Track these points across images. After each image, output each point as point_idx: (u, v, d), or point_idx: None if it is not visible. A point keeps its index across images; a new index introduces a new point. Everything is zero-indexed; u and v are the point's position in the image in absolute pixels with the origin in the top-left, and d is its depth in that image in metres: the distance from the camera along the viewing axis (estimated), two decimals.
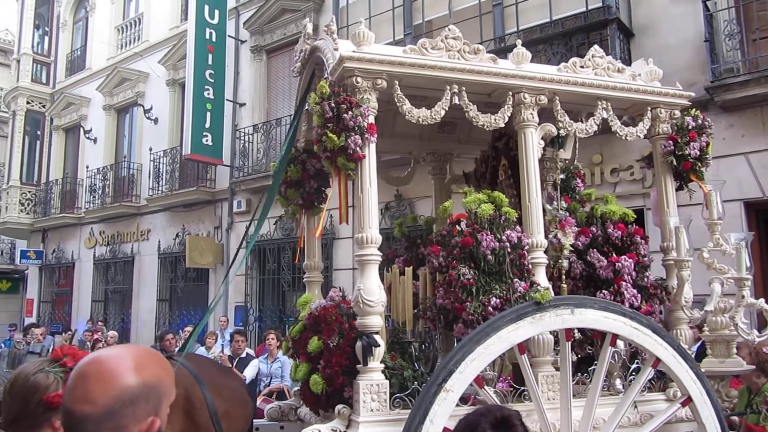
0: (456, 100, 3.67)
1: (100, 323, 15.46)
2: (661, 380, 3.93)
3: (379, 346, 3.23)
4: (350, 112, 3.34)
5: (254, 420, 4.41)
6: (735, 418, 4.38)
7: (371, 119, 3.45)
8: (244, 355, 8.53)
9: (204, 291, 14.99)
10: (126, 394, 1.36)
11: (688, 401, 3.59)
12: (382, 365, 3.31)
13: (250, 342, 12.72)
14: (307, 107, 4.21)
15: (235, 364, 8.25)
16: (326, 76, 3.71)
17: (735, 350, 3.95)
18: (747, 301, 3.88)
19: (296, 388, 4.37)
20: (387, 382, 3.28)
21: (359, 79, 3.47)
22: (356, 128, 3.34)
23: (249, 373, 8.13)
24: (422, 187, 8.12)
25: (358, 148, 3.35)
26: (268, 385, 8.29)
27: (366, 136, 3.39)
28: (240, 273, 13.91)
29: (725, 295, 4.01)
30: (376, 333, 3.29)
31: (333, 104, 3.37)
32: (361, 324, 3.31)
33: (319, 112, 3.41)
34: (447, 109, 3.65)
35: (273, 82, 14.75)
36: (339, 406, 3.31)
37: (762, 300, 4.03)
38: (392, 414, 3.24)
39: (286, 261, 13.23)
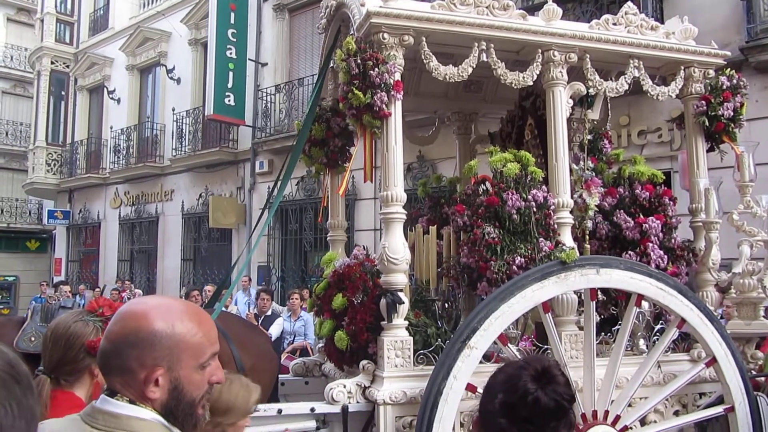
0: (484, 57, 3.61)
1: (127, 282, 15.76)
2: (686, 341, 3.93)
3: (403, 303, 3.25)
4: (376, 69, 3.31)
5: (280, 375, 4.50)
6: (761, 379, 4.37)
7: (398, 76, 3.42)
8: (269, 313, 8.67)
9: (227, 251, 15.18)
10: (131, 336, 1.39)
11: (712, 362, 3.59)
12: (406, 322, 3.35)
13: (274, 301, 12.91)
14: (332, 65, 4.18)
15: (260, 321, 8.39)
16: (352, 32, 3.66)
17: (762, 312, 3.92)
18: None
19: (320, 345, 4.44)
20: (411, 338, 3.32)
21: (386, 36, 3.42)
22: (382, 85, 3.31)
23: (274, 330, 8.27)
24: (444, 148, 8.07)
25: (384, 106, 3.32)
26: (292, 343, 8.44)
27: (392, 93, 3.36)
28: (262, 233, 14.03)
29: (754, 258, 3.97)
30: (400, 290, 3.32)
31: (359, 61, 3.34)
32: (386, 281, 3.33)
33: (345, 69, 3.38)
34: (474, 66, 3.60)
35: (295, 42, 14.63)
36: (363, 362, 3.36)
37: None
38: (416, 370, 3.29)
39: (308, 221, 13.32)
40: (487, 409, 1.65)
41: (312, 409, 3.27)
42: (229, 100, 13.92)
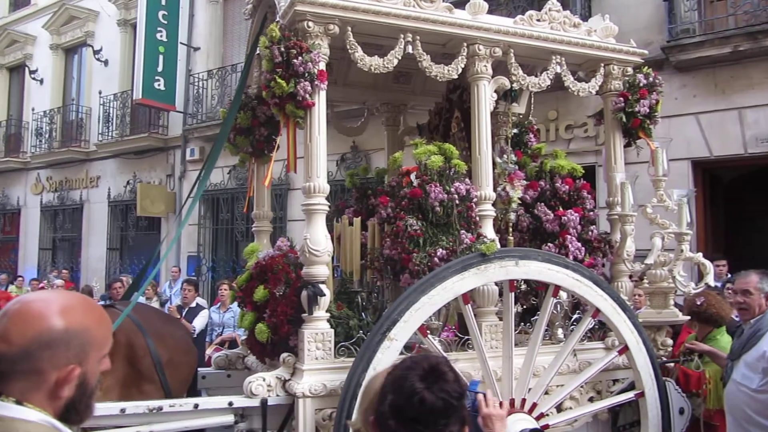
0: (409, 49, 3.61)
1: (64, 271, 14.95)
2: (601, 330, 4.06)
3: (324, 295, 3.23)
4: (300, 58, 3.26)
5: (202, 368, 4.41)
6: (670, 365, 4.57)
7: (322, 66, 3.37)
8: (194, 305, 8.45)
9: (156, 240, 14.75)
10: (44, 337, 1.32)
11: (624, 350, 3.73)
12: (328, 314, 3.33)
13: (204, 292, 12.65)
14: (258, 52, 4.09)
15: (184, 314, 8.17)
16: (278, 19, 3.59)
17: (672, 301, 4.09)
18: (686, 255, 4.00)
19: (244, 337, 4.37)
20: (332, 330, 3.31)
21: (311, 24, 3.37)
22: (306, 74, 3.27)
23: (198, 323, 8.05)
24: (378, 139, 8.06)
25: (307, 95, 3.28)
26: (220, 335, 8.28)
27: (316, 83, 3.32)
28: (192, 222, 13.71)
29: (666, 249, 4.14)
30: (322, 282, 3.29)
31: (282, 49, 3.28)
32: (307, 273, 3.30)
33: (268, 57, 3.31)
34: (400, 58, 3.59)
35: (229, 27, 14.29)
36: (284, 355, 3.33)
37: (700, 254, 4.17)
38: (337, 362, 3.28)
39: (240, 211, 13.10)
40: (379, 411, 1.65)
41: (230, 403, 3.21)
42: (158, 85, 13.47)
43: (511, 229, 4.02)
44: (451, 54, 3.88)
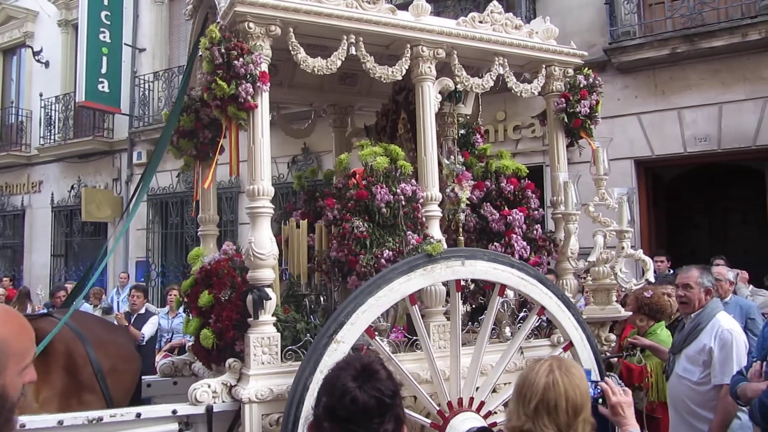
0: (353, 50, 3.60)
1: (6, 279, 14.33)
2: (548, 327, 4.13)
3: (270, 299, 3.19)
4: (241, 59, 3.21)
5: (148, 376, 4.31)
6: (614, 360, 4.68)
7: (264, 67, 3.33)
8: (142, 311, 8.25)
9: (102, 246, 14.34)
10: None
11: (569, 346, 3.80)
12: (274, 318, 3.29)
13: (153, 298, 12.38)
14: (199, 53, 4.01)
15: (133, 320, 7.98)
16: (218, 20, 3.54)
17: (615, 298, 4.19)
18: (626, 252, 4.11)
19: (191, 343, 4.29)
20: (278, 335, 3.27)
21: (251, 25, 3.33)
22: (248, 76, 3.22)
23: (148, 330, 7.88)
24: (330, 141, 8.05)
25: (249, 97, 3.23)
26: (170, 341, 8.11)
27: (258, 84, 3.27)
28: (141, 227, 13.42)
29: (608, 247, 4.24)
30: (268, 286, 3.25)
31: (223, 50, 3.22)
32: (252, 277, 3.26)
33: (209, 58, 3.26)
34: (343, 59, 3.58)
35: (175, 27, 14.04)
36: (230, 360, 3.28)
37: (640, 251, 4.29)
38: (284, 366, 3.24)
39: (189, 214, 12.86)
40: (315, 414, 1.64)
41: (174, 411, 3.14)
42: (102, 87, 13.13)
43: (461, 230, 4.06)
44: (395, 55, 3.88)
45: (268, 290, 3.24)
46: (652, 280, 4.26)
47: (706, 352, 4.07)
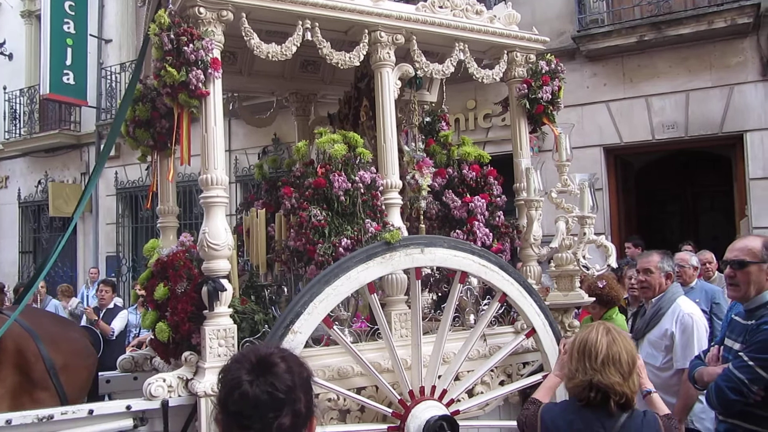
0: (309, 36, 3.53)
1: None
2: (512, 314, 4.12)
3: (225, 290, 3.13)
4: (191, 45, 3.13)
5: (107, 372, 4.22)
6: None
7: (216, 53, 3.25)
8: (111, 306, 8.14)
9: (71, 241, 14.11)
10: None
11: (532, 332, 3.79)
12: (231, 310, 3.22)
13: (125, 293, 12.20)
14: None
15: (102, 315, 7.87)
16: (168, 5, 3.44)
17: (578, 283, 4.19)
18: (589, 238, 4.10)
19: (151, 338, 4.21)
20: (235, 326, 3.21)
21: (202, 10, 3.24)
22: (198, 62, 3.14)
23: (117, 324, 7.80)
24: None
25: (200, 84, 3.15)
26: (137, 336, 8.00)
27: (210, 71, 3.19)
28: (110, 221, 13.21)
29: (572, 234, 4.23)
30: (224, 277, 3.19)
31: (172, 36, 3.14)
32: (207, 268, 3.19)
33: (158, 44, 3.17)
34: (298, 45, 3.51)
35: (142, 17, 13.70)
36: (186, 353, 3.21)
37: (602, 236, 4.29)
38: None
39: (145, 207, 12.69)
40: (215, 406, 1.60)
41: (128, 407, 3.06)
42: (68, 79, 12.86)
43: (422, 217, 4.02)
44: (354, 41, 3.82)
45: (224, 281, 3.17)
46: (615, 265, 4.27)
47: (668, 336, 4.10)
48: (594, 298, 4.42)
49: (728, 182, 9.81)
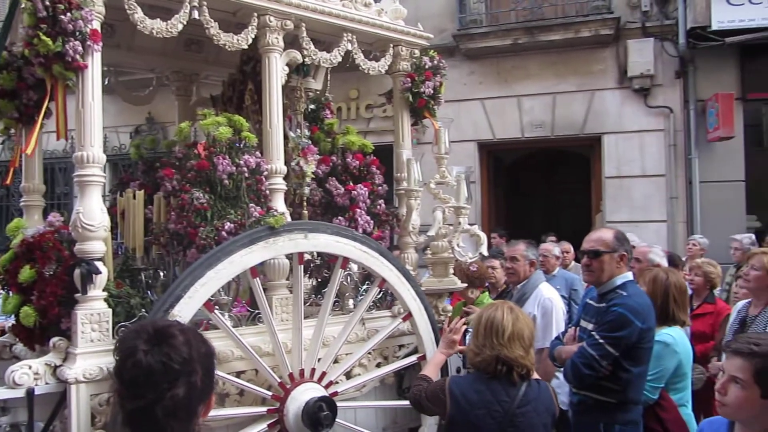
0: (195, 14, 3.45)
1: None
2: (389, 299, 4.28)
3: (99, 273, 3.01)
4: (69, 14, 2.96)
5: None
6: None
7: (96, 25, 3.10)
8: None
9: None
10: None
11: (408, 316, 3.97)
12: (105, 293, 3.11)
13: None
14: (22, 5, 3.65)
15: None
16: None
17: (452, 270, 4.43)
18: (463, 227, 4.34)
19: (10, 324, 3.94)
20: (110, 311, 3.10)
21: None
22: (76, 33, 2.98)
23: None
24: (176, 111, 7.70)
25: (78, 56, 2.99)
26: None
27: (88, 43, 3.04)
28: None
29: (447, 223, 4.45)
30: (98, 260, 3.07)
31: (48, 2, 2.95)
32: (80, 250, 3.05)
33: (31, 10, 2.97)
34: (185, 23, 3.42)
35: None
36: (54, 339, 3.05)
37: (476, 226, 4.55)
38: (115, 343, 3.08)
39: (17, 185, 11.73)
40: (113, 377, 1.61)
41: None
42: None
43: (305, 203, 4.06)
44: (243, 24, 3.78)
45: (99, 264, 3.05)
46: (486, 253, 4.55)
47: (531, 319, 4.44)
48: (466, 284, 4.68)
49: (587, 180, 10.66)
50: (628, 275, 3.48)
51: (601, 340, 3.25)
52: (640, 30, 9.43)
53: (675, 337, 3.74)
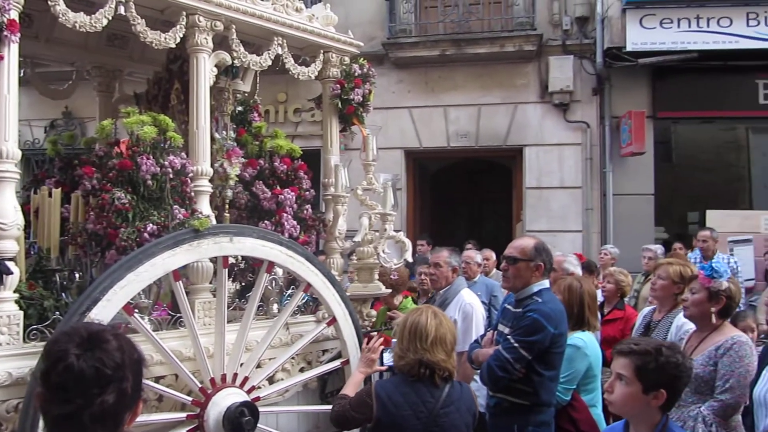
0: (122, 10, 3.37)
1: None
2: (314, 304, 4.29)
3: (11, 273, 2.88)
4: None
5: None
6: (373, 333, 5.01)
7: (13, 15, 2.97)
8: None
9: None
10: None
11: (333, 321, 3.99)
12: (16, 295, 2.98)
13: None
14: None
15: None
16: None
17: (377, 276, 4.49)
18: (389, 233, 4.41)
19: None
20: (21, 313, 2.97)
21: None
22: None
23: None
24: (95, 107, 7.41)
25: None
26: None
27: (5, 33, 2.92)
28: None
29: (374, 230, 4.51)
30: (10, 260, 2.94)
31: None
32: None
33: None
34: (110, 18, 3.33)
35: None
36: None
37: (401, 233, 4.64)
38: (26, 347, 2.95)
39: None
40: (36, 380, 1.57)
41: None
42: None
43: (228, 206, 4.03)
44: (171, 22, 3.72)
45: (10, 264, 2.92)
46: (411, 260, 4.63)
47: (453, 323, 4.56)
48: (390, 290, 4.75)
49: (509, 190, 11.00)
50: (545, 283, 3.63)
51: (515, 344, 3.38)
52: (561, 47, 9.85)
53: (585, 341, 3.95)
